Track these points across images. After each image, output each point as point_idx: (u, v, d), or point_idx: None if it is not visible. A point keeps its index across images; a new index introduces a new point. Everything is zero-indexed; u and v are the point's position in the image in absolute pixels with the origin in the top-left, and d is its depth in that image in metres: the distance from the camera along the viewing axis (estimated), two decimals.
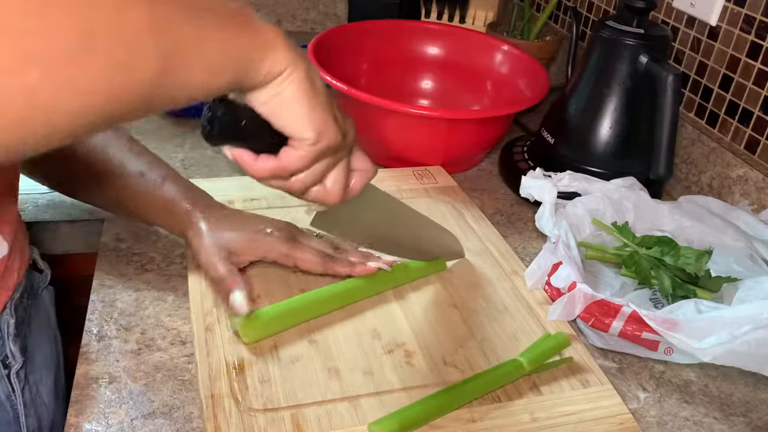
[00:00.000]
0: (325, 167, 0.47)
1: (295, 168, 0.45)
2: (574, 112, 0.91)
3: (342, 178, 0.49)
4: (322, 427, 0.53)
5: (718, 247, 0.74)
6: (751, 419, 0.62)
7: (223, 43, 0.38)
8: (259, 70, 0.40)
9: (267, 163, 0.45)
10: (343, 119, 0.46)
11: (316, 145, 0.44)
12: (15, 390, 0.63)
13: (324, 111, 0.43)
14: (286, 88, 0.41)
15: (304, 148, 0.44)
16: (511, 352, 0.63)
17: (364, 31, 1.08)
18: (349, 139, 0.48)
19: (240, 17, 0.39)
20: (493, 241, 0.79)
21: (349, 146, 0.49)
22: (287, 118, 0.42)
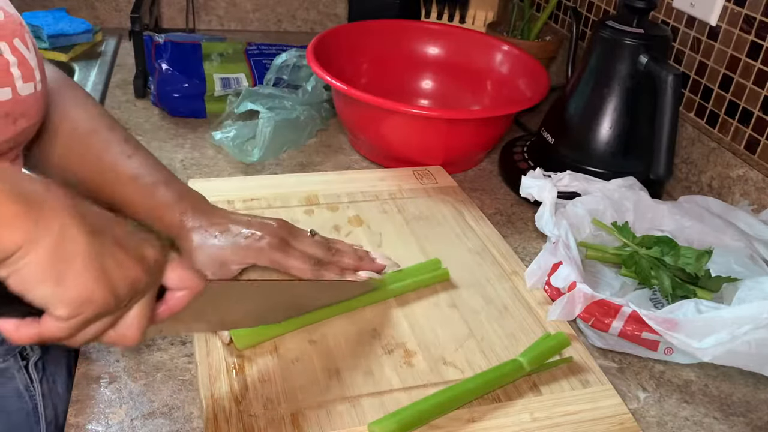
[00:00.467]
0: (104, 326, 0.40)
1: (58, 338, 0.38)
2: (574, 112, 0.91)
3: (136, 322, 0.41)
4: (322, 427, 0.53)
5: (718, 247, 0.74)
6: (751, 419, 0.62)
7: None
8: None
9: (28, 330, 0.38)
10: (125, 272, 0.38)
11: (74, 318, 0.37)
12: (33, 381, 0.64)
13: (82, 282, 0.36)
14: (22, 268, 0.34)
15: (62, 322, 0.37)
16: (511, 352, 0.63)
17: (364, 31, 1.08)
18: (135, 288, 0.39)
19: None
20: (493, 241, 0.79)
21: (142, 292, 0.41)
22: (33, 297, 0.35)
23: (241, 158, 0.92)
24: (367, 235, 0.77)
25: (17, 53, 0.52)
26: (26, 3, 1.33)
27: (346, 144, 1.03)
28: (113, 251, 0.38)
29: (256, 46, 1.13)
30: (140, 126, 1.01)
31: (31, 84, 0.54)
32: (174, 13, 1.42)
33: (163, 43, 1.03)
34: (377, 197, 0.85)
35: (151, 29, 1.20)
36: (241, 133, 0.94)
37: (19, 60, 0.52)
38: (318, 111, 1.03)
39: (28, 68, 0.54)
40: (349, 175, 0.90)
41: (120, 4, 1.39)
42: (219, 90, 1.04)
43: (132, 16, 1.04)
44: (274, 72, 1.04)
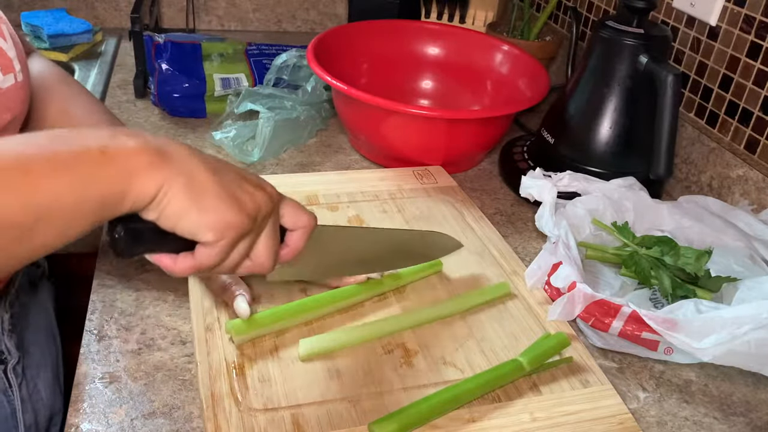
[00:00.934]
0: (247, 247, 0.46)
1: (211, 264, 0.44)
2: (574, 112, 0.91)
3: (269, 248, 0.48)
4: (322, 427, 0.53)
5: (718, 247, 0.74)
6: (751, 419, 0.62)
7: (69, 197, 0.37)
8: (123, 203, 0.39)
9: (185, 263, 0.44)
10: (249, 196, 0.45)
11: (221, 242, 0.43)
12: (12, 385, 0.63)
13: (218, 208, 0.42)
14: (167, 206, 0.40)
15: (212, 247, 0.43)
16: (511, 352, 0.63)
17: (364, 31, 1.08)
18: (262, 212, 0.46)
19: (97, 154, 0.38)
20: (493, 241, 0.79)
21: (265, 217, 0.47)
22: (182, 229, 0.42)
23: (241, 158, 0.92)
24: None
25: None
26: (26, 3, 1.33)
27: (346, 144, 1.03)
28: (237, 182, 0.44)
29: (256, 46, 1.13)
30: (140, 126, 1.01)
31: (10, 75, 0.54)
32: (174, 13, 1.42)
33: (163, 43, 1.03)
34: (377, 197, 0.85)
35: (151, 29, 1.20)
36: (241, 133, 0.94)
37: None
38: (318, 111, 1.03)
39: (6, 59, 0.53)
40: (349, 175, 0.90)
41: (120, 4, 1.39)
42: (219, 90, 1.04)
43: (132, 16, 1.04)
44: (274, 72, 1.04)
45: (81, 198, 0.37)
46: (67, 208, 0.37)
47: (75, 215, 0.38)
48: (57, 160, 0.37)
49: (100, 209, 0.38)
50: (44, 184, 0.36)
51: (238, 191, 0.44)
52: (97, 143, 0.38)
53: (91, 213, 0.38)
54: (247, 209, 0.44)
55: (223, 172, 0.44)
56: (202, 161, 0.43)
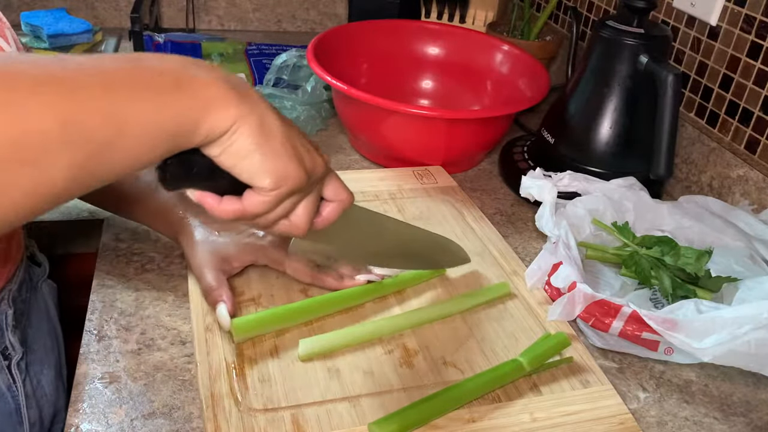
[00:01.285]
0: (290, 205, 0.46)
1: (257, 212, 0.44)
2: (574, 112, 0.91)
3: (309, 212, 0.48)
4: (322, 427, 0.53)
5: (718, 247, 0.74)
6: (751, 419, 0.62)
7: (149, 119, 0.37)
8: (196, 134, 0.39)
9: (230, 206, 0.44)
10: (309, 155, 0.45)
11: (276, 190, 0.43)
12: (16, 381, 0.63)
13: (282, 156, 0.42)
14: (234, 143, 0.40)
15: (265, 194, 0.43)
16: (511, 352, 0.63)
17: (364, 31, 1.08)
18: (316, 174, 0.46)
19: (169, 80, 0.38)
20: (493, 241, 0.79)
21: (317, 180, 0.47)
22: (242, 169, 0.41)
23: None
24: None
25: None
26: (26, 3, 1.33)
27: (346, 144, 1.03)
28: (301, 139, 0.44)
29: (256, 46, 1.13)
30: None
31: None
32: (174, 13, 1.42)
33: (163, 42, 1.03)
34: (377, 197, 0.85)
35: (151, 29, 1.20)
36: None
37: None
38: (318, 111, 1.03)
39: None
40: (349, 175, 0.90)
41: (120, 4, 1.39)
42: None
43: (132, 16, 1.04)
44: (274, 72, 1.04)
45: (158, 121, 0.37)
46: (145, 129, 0.37)
47: (151, 138, 0.37)
48: (136, 82, 0.37)
49: (174, 137, 0.38)
50: (125, 101, 0.36)
51: (301, 147, 0.44)
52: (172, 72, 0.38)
53: (166, 139, 0.38)
54: (306, 166, 0.44)
55: (290, 124, 0.44)
56: (273, 109, 0.43)
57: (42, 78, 0.34)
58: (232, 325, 0.59)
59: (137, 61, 0.38)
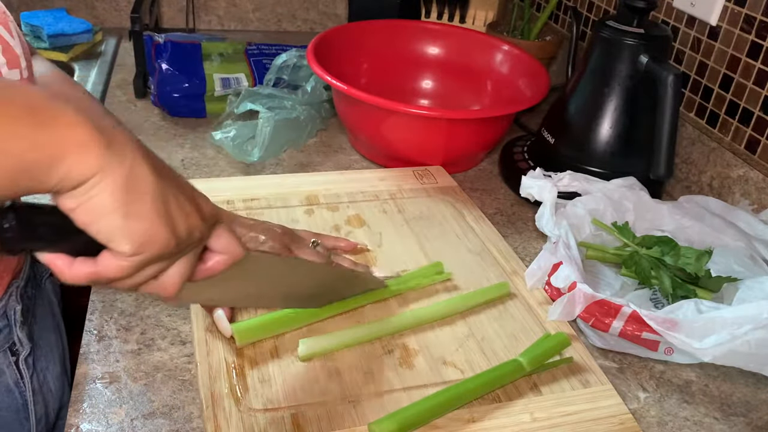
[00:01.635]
0: (156, 270, 0.40)
1: (113, 277, 0.38)
2: (574, 112, 0.91)
3: (180, 275, 0.42)
4: (322, 427, 0.53)
5: (718, 247, 0.74)
6: (751, 419, 0.62)
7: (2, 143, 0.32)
8: (50, 174, 0.33)
9: (83, 269, 0.38)
10: (185, 217, 0.39)
11: (136, 257, 0.37)
12: (23, 377, 0.64)
13: (147, 219, 0.37)
14: (93, 198, 0.35)
15: (123, 260, 0.37)
16: (511, 352, 0.63)
17: (364, 31, 1.08)
18: (192, 238, 0.40)
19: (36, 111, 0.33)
20: (493, 241, 0.79)
21: (193, 244, 0.42)
22: (98, 229, 0.36)
23: (241, 158, 0.92)
24: (367, 235, 0.77)
25: (1, 40, 0.53)
26: (26, 3, 1.33)
27: (346, 144, 1.03)
28: (176, 195, 0.39)
29: (256, 46, 1.13)
30: (140, 126, 1.01)
31: (16, 71, 0.54)
32: (174, 13, 1.42)
33: (163, 43, 1.03)
34: (377, 197, 0.85)
35: (151, 29, 1.20)
36: (241, 133, 0.94)
37: (3, 47, 0.52)
38: (318, 111, 1.03)
39: (13, 54, 0.54)
40: (349, 175, 0.90)
41: (120, 3, 1.39)
42: (219, 90, 1.04)
43: (132, 16, 1.04)
44: (274, 72, 1.04)
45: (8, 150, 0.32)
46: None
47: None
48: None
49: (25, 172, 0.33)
50: None
51: (175, 208, 0.38)
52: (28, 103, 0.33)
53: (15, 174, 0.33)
54: (177, 231, 0.39)
55: (167, 179, 0.39)
56: (148, 159, 0.37)
57: None
58: (234, 330, 0.59)
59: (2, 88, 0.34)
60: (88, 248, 0.38)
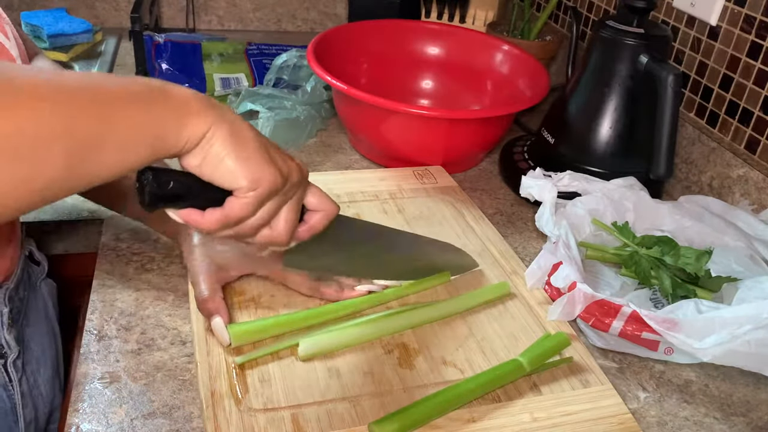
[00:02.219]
0: (272, 209, 0.47)
1: (239, 216, 0.46)
2: (574, 112, 0.91)
3: (290, 219, 0.49)
4: (322, 427, 0.53)
5: (718, 247, 0.74)
6: (751, 419, 0.62)
7: (136, 122, 0.39)
8: (178, 139, 0.42)
9: (213, 215, 0.46)
10: (283, 161, 0.47)
11: (254, 191, 0.45)
12: (12, 379, 0.63)
13: (256, 159, 0.44)
14: (211, 148, 0.43)
15: (245, 196, 0.45)
16: (511, 352, 0.63)
17: (364, 31, 1.08)
18: (292, 178, 0.48)
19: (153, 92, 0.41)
20: (493, 241, 0.79)
21: (296, 186, 0.49)
22: (219, 175, 0.44)
23: None
24: None
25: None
26: (26, 3, 1.33)
27: (346, 144, 1.03)
28: (275, 147, 0.47)
29: (256, 46, 1.13)
30: None
31: None
32: (174, 13, 1.42)
33: (163, 42, 1.03)
34: (377, 197, 0.85)
35: (151, 29, 1.20)
36: None
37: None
38: (318, 111, 1.03)
39: (8, 57, 0.54)
40: (349, 175, 0.90)
41: (120, 3, 1.39)
42: (219, 90, 1.04)
43: (132, 16, 1.04)
44: (274, 72, 1.04)
45: (144, 124, 0.40)
46: (132, 132, 0.39)
47: (137, 140, 0.40)
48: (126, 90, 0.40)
49: (159, 141, 0.41)
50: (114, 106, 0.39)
51: (275, 153, 0.46)
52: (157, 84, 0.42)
53: (151, 142, 0.40)
54: (281, 169, 0.46)
55: (262, 135, 0.47)
56: (243, 120, 0.46)
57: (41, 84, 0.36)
58: (231, 333, 0.59)
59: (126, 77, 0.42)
60: (211, 203, 0.45)
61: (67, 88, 0.37)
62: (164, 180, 0.44)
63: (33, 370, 0.67)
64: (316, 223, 0.52)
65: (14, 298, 0.64)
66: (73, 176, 0.37)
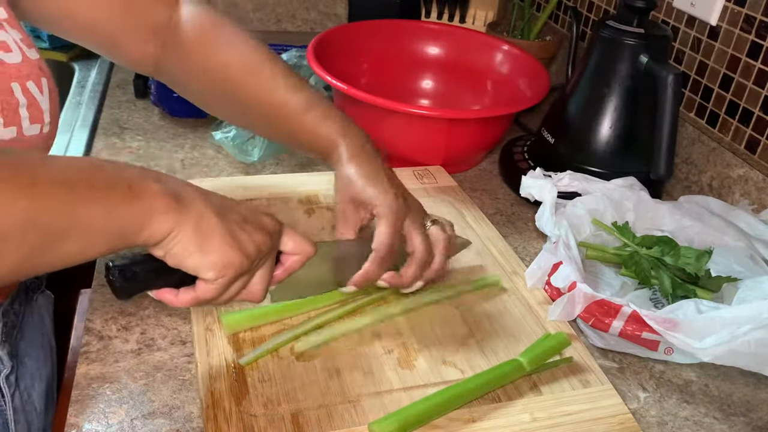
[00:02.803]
0: (244, 283, 0.50)
1: (210, 297, 0.48)
2: (574, 112, 0.91)
3: (264, 282, 0.52)
4: (322, 427, 0.53)
5: (718, 247, 0.74)
6: (751, 419, 0.62)
7: (98, 221, 0.41)
8: (138, 238, 0.43)
9: (186, 296, 0.49)
10: (251, 239, 0.48)
11: (220, 279, 0.47)
12: (5, 395, 0.62)
13: (221, 251, 0.46)
14: (174, 247, 0.45)
15: (212, 283, 0.47)
16: (511, 352, 0.63)
17: (364, 31, 1.08)
18: (262, 252, 0.49)
19: (120, 189, 0.42)
20: (493, 241, 0.79)
21: (267, 255, 0.51)
22: (187, 267, 0.46)
23: (241, 158, 0.92)
24: None
25: (28, 95, 0.53)
26: None
27: None
28: (240, 224, 0.48)
29: None
30: (140, 126, 1.01)
31: (37, 125, 0.55)
32: None
33: None
34: None
35: None
36: (241, 133, 0.94)
37: (29, 102, 0.53)
38: None
39: (38, 110, 0.54)
40: None
41: None
42: None
43: None
44: None
45: (107, 221, 0.41)
46: (95, 227, 0.41)
47: (98, 236, 0.42)
48: (95, 186, 0.41)
49: (119, 237, 0.43)
50: (80, 201, 0.40)
51: (240, 233, 0.48)
52: (127, 181, 0.43)
53: (112, 238, 0.42)
54: (246, 251, 0.48)
55: (229, 213, 0.48)
56: (210, 205, 0.47)
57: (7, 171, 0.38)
58: (224, 322, 0.60)
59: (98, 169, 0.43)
60: (184, 279, 0.48)
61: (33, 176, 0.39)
62: (130, 274, 0.47)
63: (27, 386, 0.66)
64: (293, 264, 0.55)
65: (9, 312, 0.63)
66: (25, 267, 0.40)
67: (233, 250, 0.47)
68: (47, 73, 0.57)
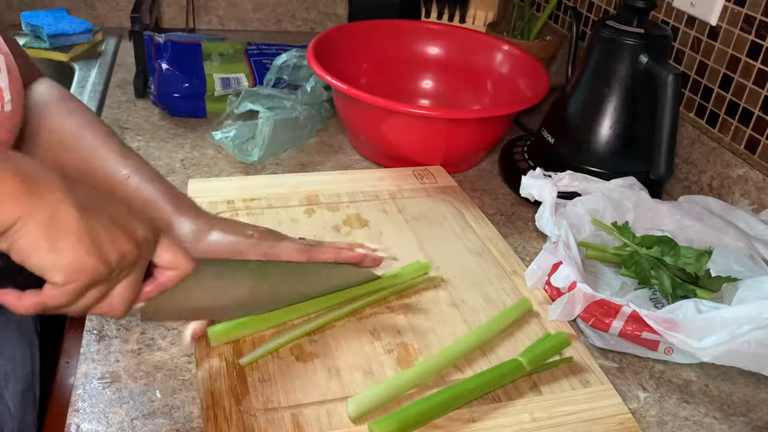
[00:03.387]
0: (99, 295, 0.44)
1: (57, 304, 0.42)
2: (574, 112, 0.91)
3: (126, 296, 0.45)
4: (322, 427, 0.53)
5: (718, 247, 0.74)
6: (751, 419, 0.62)
7: None
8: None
9: (29, 300, 0.42)
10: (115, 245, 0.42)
11: (70, 284, 0.40)
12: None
13: (74, 253, 0.40)
14: (20, 239, 0.38)
15: (60, 289, 0.41)
16: (511, 352, 0.63)
17: (364, 31, 1.08)
18: (125, 262, 0.43)
19: None
20: (493, 241, 0.79)
21: (131, 267, 0.44)
22: (32, 265, 0.39)
23: (241, 158, 0.92)
24: (367, 235, 0.77)
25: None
26: (26, 3, 1.33)
27: (346, 144, 1.03)
28: (105, 226, 0.42)
29: (256, 46, 1.13)
30: (140, 126, 1.01)
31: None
32: (174, 13, 1.42)
33: (163, 42, 1.03)
34: (377, 197, 0.85)
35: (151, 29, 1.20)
36: (241, 133, 0.94)
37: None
38: (318, 111, 1.03)
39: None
40: (349, 175, 0.90)
41: (120, 3, 1.39)
42: (219, 90, 1.04)
43: (132, 16, 1.04)
44: (274, 72, 1.04)
45: None
46: None
47: None
48: None
49: None
50: None
51: (103, 236, 0.41)
52: None
53: None
54: (106, 257, 0.41)
55: (96, 212, 0.42)
56: (73, 197, 0.40)
57: None
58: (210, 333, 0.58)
59: None
60: (34, 282, 0.41)
61: None
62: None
63: (1, 386, 0.64)
64: (167, 280, 0.49)
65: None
66: None
67: (89, 254, 0.40)
68: (4, 51, 0.55)
